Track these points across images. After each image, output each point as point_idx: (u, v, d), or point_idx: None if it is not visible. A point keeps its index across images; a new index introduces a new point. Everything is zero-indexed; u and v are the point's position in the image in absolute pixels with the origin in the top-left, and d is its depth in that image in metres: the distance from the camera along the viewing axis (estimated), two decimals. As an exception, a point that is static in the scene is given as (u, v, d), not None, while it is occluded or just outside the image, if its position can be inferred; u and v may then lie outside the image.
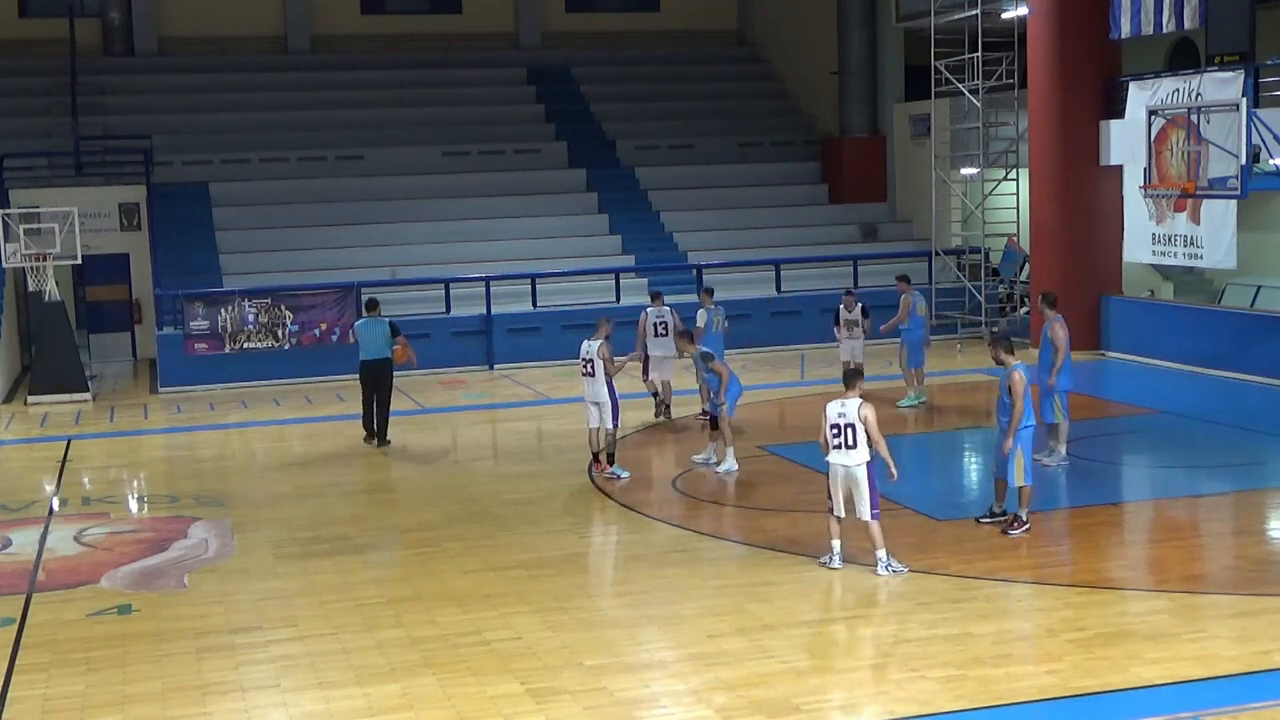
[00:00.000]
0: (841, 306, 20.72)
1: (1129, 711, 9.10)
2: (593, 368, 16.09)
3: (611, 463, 16.24)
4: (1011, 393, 13.04)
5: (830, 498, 12.29)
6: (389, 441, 18.88)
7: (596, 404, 16.18)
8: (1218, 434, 18.01)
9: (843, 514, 12.19)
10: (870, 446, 12.01)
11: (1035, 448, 15.55)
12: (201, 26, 33.32)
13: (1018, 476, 13.10)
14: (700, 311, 19.83)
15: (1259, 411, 19.26)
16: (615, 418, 16.13)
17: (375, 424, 18.91)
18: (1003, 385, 13.24)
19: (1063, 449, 15.70)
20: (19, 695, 9.96)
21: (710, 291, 20.67)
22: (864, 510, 12.06)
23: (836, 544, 12.28)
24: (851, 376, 12.48)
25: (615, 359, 16.38)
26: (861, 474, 12.02)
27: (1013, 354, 13.41)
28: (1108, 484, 15.32)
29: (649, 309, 19.92)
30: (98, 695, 9.87)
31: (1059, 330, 15.63)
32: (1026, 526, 13.24)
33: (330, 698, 9.66)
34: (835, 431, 12.08)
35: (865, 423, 11.94)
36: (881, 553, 12.06)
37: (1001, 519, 13.34)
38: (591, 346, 16.15)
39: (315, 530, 14.32)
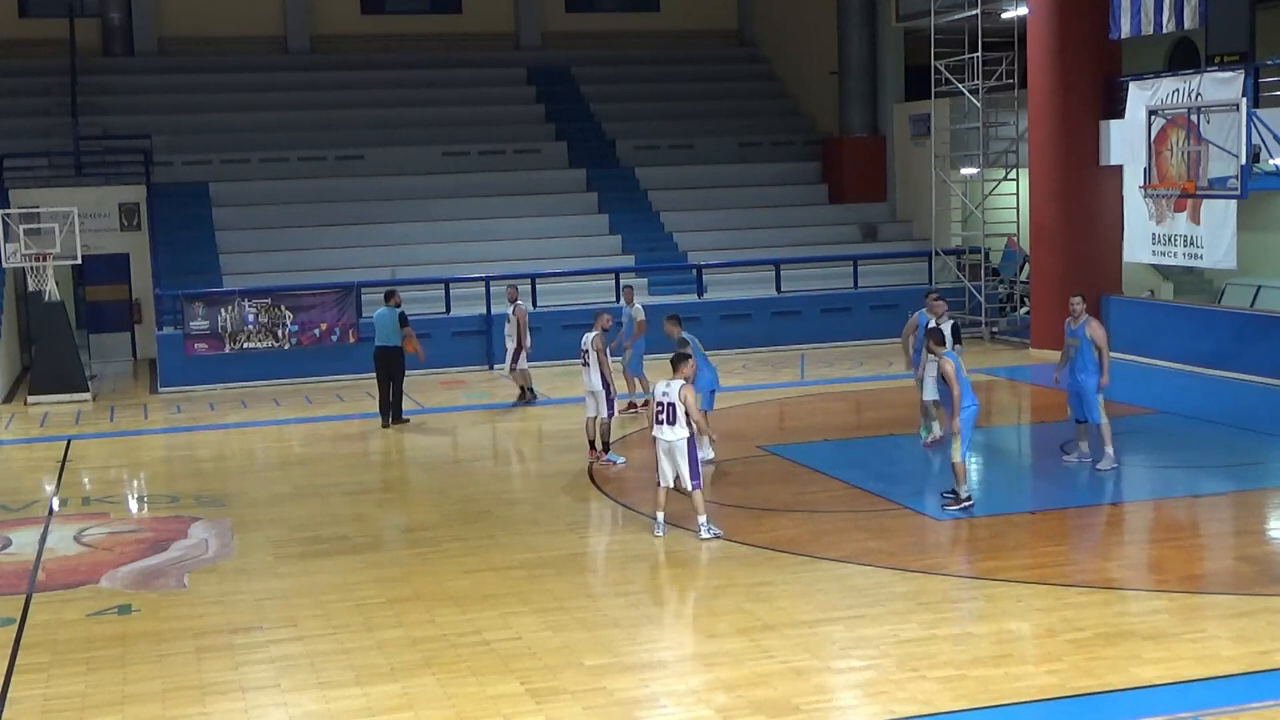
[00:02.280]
0: (931, 319, 16.70)
1: (1129, 711, 9.10)
2: (589, 358, 16.85)
3: (606, 450, 16.81)
4: (945, 379, 13.86)
5: (657, 471, 13.37)
6: (406, 420, 20.06)
7: (592, 393, 16.86)
8: (1218, 434, 17.99)
9: (670, 484, 13.29)
10: (689, 424, 13.13)
11: (1087, 455, 15.86)
12: (201, 26, 33.33)
13: (955, 452, 13.82)
14: (631, 310, 20.31)
15: (1259, 411, 19.26)
16: (610, 407, 16.88)
17: (390, 406, 20.03)
18: (938, 375, 14.21)
19: (1110, 450, 15.52)
20: (19, 695, 9.96)
21: (630, 289, 21.20)
22: (686, 481, 13.19)
23: (661, 515, 13.41)
24: (677, 360, 13.50)
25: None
26: (682, 448, 13.15)
27: (943, 345, 14.32)
28: (1108, 484, 15.31)
29: (520, 303, 21.26)
30: (98, 695, 9.87)
31: (1098, 329, 15.49)
32: (966, 504, 13.88)
33: (330, 698, 9.65)
34: (660, 409, 13.25)
35: (684, 402, 13.08)
36: (702, 518, 13.21)
37: (951, 497, 14.07)
38: (588, 338, 16.96)
39: (315, 530, 14.32)
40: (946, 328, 16.88)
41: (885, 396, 20.92)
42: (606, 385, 16.76)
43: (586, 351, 16.91)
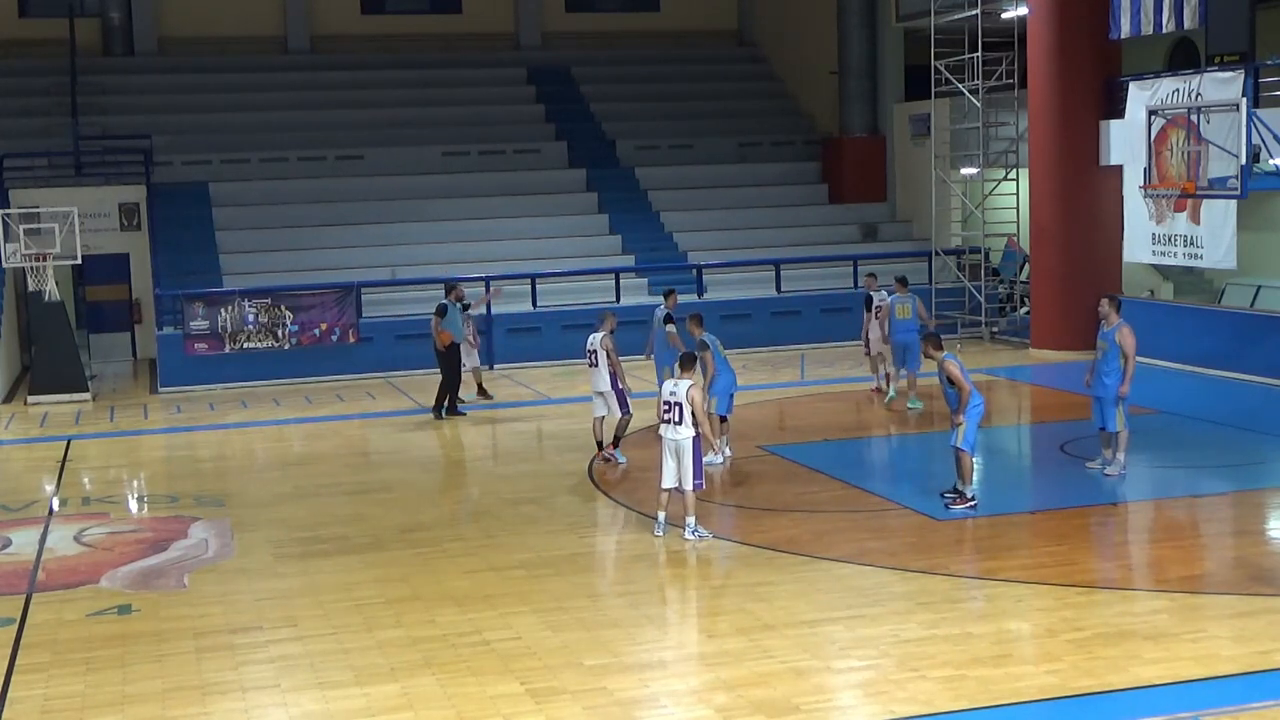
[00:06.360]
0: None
1: (1129, 711, 9.10)
2: (596, 359, 16.58)
3: (616, 445, 16.78)
4: (953, 380, 13.92)
5: (661, 470, 13.34)
6: (445, 416, 20.43)
7: (601, 394, 16.65)
8: (1218, 434, 17.99)
9: (673, 485, 13.26)
10: (696, 424, 13.15)
11: (1089, 456, 15.81)
12: (201, 26, 33.32)
13: (959, 438, 13.93)
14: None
15: (1259, 411, 19.26)
16: (624, 406, 16.67)
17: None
18: (941, 377, 14.14)
19: (1123, 457, 15.34)
20: (19, 695, 9.96)
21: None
22: (687, 480, 13.20)
23: (662, 515, 13.41)
24: (686, 360, 13.65)
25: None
26: (687, 446, 13.17)
27: (941, 349, 14.25)
28: (1108, 484, 15.31)
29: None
30: (98, 695, 9.87)
31: (1128, 336, 15.11)
32: (970, 504, 13.94)
33: (330, 698, 9.66)
34: (666, 408, 13.25)
35: (692, 402, 13.10)
36: (691, 519, 13.23)
37: (954, 496, 14.19)
38: (596, 338, 16.61)
39: (315, 530, 14.32)
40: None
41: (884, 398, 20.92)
42: (616, 386, 16.55)
43: (594, 352, 16.58)
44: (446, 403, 20.56)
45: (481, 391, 21.20)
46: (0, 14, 32.37)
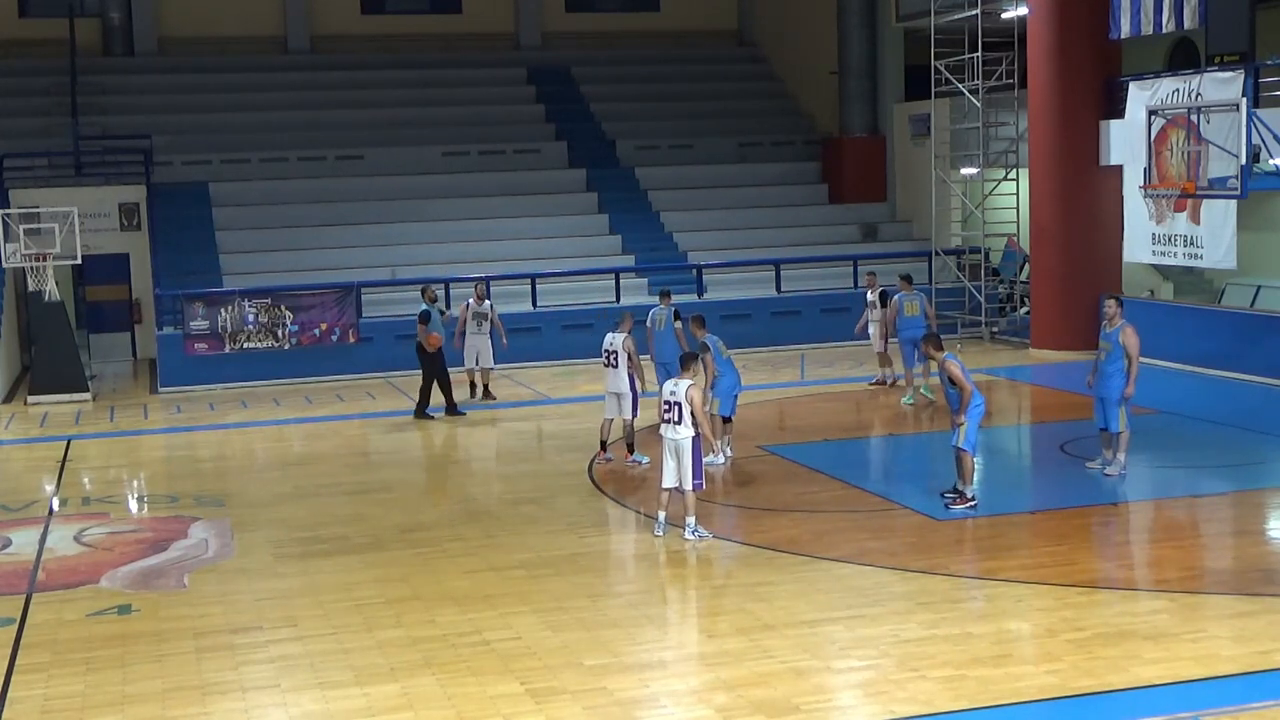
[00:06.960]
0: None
1: (1129, 711, 9.10)
2: (616, 359, 16.52)
3: (631, 451, 16.70)
4: (954, 380, 13.98)
5: (662, 470, 13.40)
6: (429, 417, 20.40)
7: (616, 394, 16.59)
8: (1218, 434, 17.99)
9: (673, 485, 13.27)
10: (695, 424, 13.15)
11: (1089, 456, 15.83)
12: (201, 26, 33.32)
13: (960, 438, 13.97)
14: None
15: (1259, 411, 19.25)
16: (634, 409, 16.61)
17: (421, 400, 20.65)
18: (943, 377, 14.25)
19: (1123, 458, 15.30)
20: (19, 695, 9.96)
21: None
22: (687, 480, 13.21)
23: (662, 515, 13.42)
24: (686, 359, 13.77)
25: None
26: (687, 446, 13.17)
27: (941, 349, 14.40)
28: (1108, 484, 15.31)
29: (470, 301, 21.69)
30: (98, 695, 9.87)
31: (1132, 337, 15.08)
32: (971, 504, 13.97)
33: (330, 698, 9.66)
34: (666, 408, 13.26)
35: (691, 402, 13.10)
36: (691, 519, 13.23)
37: (954, 496, 14.23)
38: (616, 339, 16.59)
39: (315, 530, 14.32)
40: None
41: (885, 396, 20.94)
42: (633, 387, 16.50)
43: (614, 353, 16.48)
44: (445, 404, 20.54)
45: (486, 393, 21.21)
46: (0, 14, 32.37)
